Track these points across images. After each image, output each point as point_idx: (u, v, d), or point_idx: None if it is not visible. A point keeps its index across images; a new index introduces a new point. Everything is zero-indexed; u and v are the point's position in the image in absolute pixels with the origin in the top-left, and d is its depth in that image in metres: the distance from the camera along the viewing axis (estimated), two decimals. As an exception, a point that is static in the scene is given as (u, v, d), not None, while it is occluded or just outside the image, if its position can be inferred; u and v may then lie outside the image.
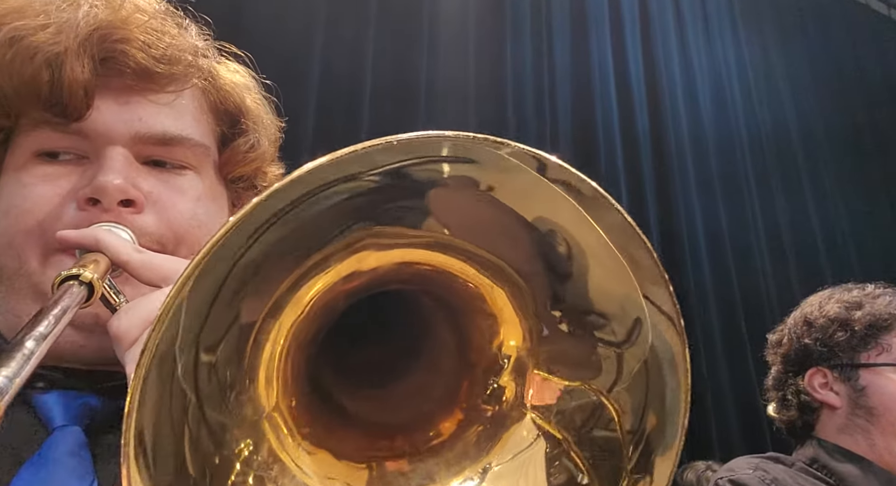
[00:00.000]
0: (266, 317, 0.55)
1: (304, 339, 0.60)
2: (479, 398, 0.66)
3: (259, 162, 0.93)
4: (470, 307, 0.65)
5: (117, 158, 0.77)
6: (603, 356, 0.59)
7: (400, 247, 0.58)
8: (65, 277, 0.61)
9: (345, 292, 0.60)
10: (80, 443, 0.70)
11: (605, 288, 0.57)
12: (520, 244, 0.58)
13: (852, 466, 1.49)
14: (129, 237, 0.74)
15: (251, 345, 0.55)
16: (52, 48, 0.74)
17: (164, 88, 0.81)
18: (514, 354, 0.65)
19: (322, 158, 0.46)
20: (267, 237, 0.49)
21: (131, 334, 0.62)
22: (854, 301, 1.61)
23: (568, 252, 0.57)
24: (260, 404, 0.57)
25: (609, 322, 0.58)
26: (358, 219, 0.54)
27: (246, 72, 0.94)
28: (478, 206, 0.55)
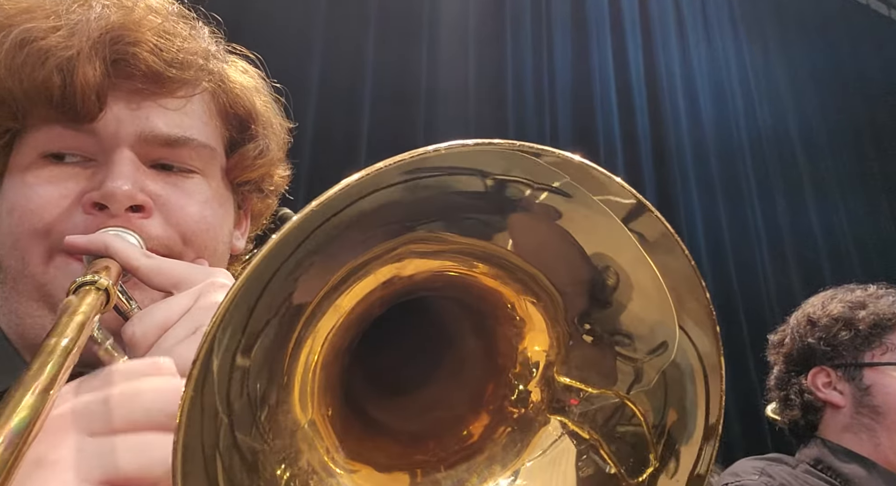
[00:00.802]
0: (304, 325, 0.54)
1: (340, 347, 0.60)
2: (506, 401, 0.67)
3: (267, 167, 0.93)
4: (498, 313, 0.66)
5: (126, 162, 0.77)
6: (620, 368, 0.61)
7: (441, 256, 0.59)
8: (80, 283, 0.60)
9: (381, 298, 0.60)
10: None
11: (640, 316, 0.59)
12: (571, 271, 0.59)
13: (857, 466, 1.48)
14: (137, 242, 0.74)
15: (289, 355, 0.54)
16: (64, 52, 0.73)
17: (174, 92, 0.81)
18: (541, 359, 0.66)
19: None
20: (312, 243, 0.47)
21: (147, 340, 0.62)
22: (857, 301, 1.61)
23: (615, 285, 0.59)
24: (296, 416, 0.56)
25: (633, 342, 0.60)
26: (436, 217, 0.54)
27: (254, 72, 0.94)
28: (547, 232, 0.56)
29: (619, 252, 0.56)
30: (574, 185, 0.53)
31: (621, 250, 0.56)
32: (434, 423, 0.69)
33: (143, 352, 0.61)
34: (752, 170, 4.91)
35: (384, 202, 0.49)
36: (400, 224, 0.53)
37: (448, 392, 0.71)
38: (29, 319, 0.76)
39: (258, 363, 0.50)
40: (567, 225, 0.56)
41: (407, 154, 0.46)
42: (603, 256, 0.58)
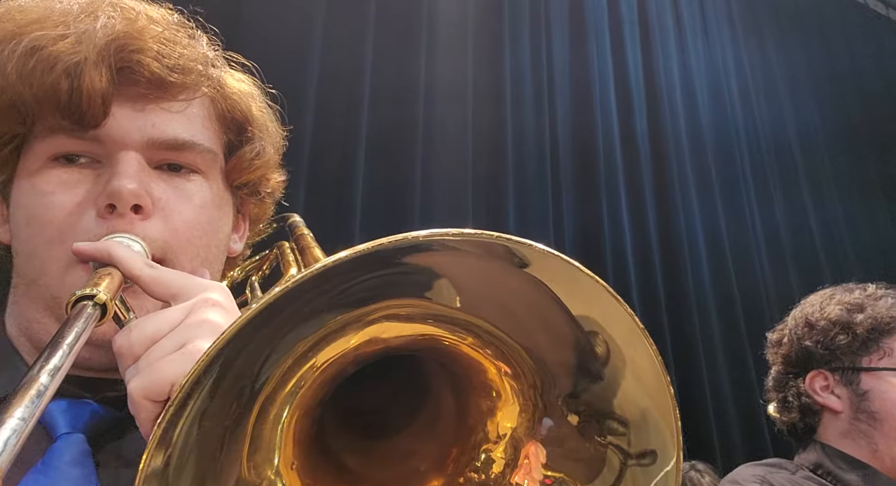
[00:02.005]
0: (275, 388, 0.56)
1: (312, 404, 0.61)
2: (469, 466, 0.67)
3: (264, 169, 0.96)
4: (474, 381, 0.66)
5: (131, 162, 0.80)
6: (608, 460, 0.58)
7: (417, 321, 0.58)
8: (79, 297, 0.62)
9: (356, 359, 0.61)
10: (84, 451, 0.71)
11: (633, 399, 0.56)
12: (554, 333, 0.57)
13: (857, 473, 1.47)
14: (141, 249, 0.76)
15: (255, 416, 0.55)
16: (72, 58, 0.76)
17: (176, 96, 0.84)
18: (510, 432, 0.65)
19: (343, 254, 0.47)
20: (282, 317, 0.49)
21: (134, 352, 0.63)
22: (856, 303, 1.60)
23: (606, 356, 0.56)
24: (263, 470, 0.58)
25: (627, 431, 0.57)
26: (384, 293, 0.54)
27: (251, 81, 0.97)
28: (518, 286, 0.54)
29: (609, 320, 0.53)
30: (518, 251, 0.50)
31: (611, 319, 0.53)
32: (399, 474, 0.69)
33: (130, 363, 0.63)
34: (751, 170, 4.91)
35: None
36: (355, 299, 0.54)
37: (421, 444, 0.71)
38: (37, 324, 0.79)
39: (226, 425, 0.52)
40: (538, 274, 0.52)
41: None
42: (589, 319, 0.54)
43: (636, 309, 3.42)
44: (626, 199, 4.18)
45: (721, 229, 4.53)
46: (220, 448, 0.53)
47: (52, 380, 0.50)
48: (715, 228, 4.51)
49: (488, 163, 3.72)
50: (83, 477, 0.69)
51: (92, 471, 0.70)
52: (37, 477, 0.68)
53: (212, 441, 0.51)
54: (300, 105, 3.12)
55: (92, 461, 0.71)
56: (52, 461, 0.69)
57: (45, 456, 0.70)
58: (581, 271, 0.51)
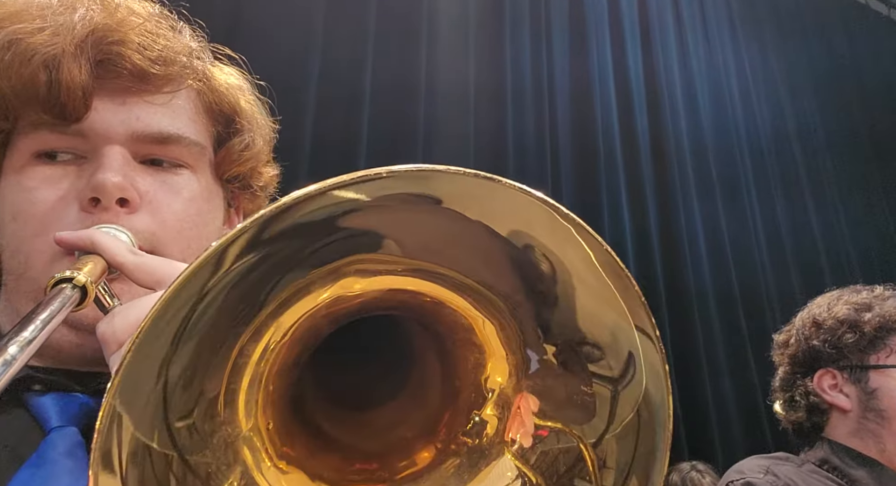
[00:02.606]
0: (248, 342, 0.54)
1: (286, 363, 0.59)
2: (460, 430, 0.65)
3: (254, 162, 0.94)
4: (458, 338, 0.63)
5: (115, 156, 0.78)
6: (598, 395, 0.55)
7: (384, 274, 0.56)
8: (58, 279, 0.61)
9: (328, 317, 0.59)
10: (77, 444, 0.71)
11: (594, 314, 0.53)
12: (495, 262, 0.53)
13: (865, 470, 1.47)
14: (127, 239, 0.75)
15: (230, 369, 0.54)
16: (50, 50, 0.74)
17: (160, 88, 0.82)
18: (499, 389, 0.62)
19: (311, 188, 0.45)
20: (246, 264, 0.47)
21: (117, 338, 0.63)
22: (863, 303, 1.59)
23: (552, 272, 0.52)
24: (237, 426, 0.56)
25: (604, 355, 0.54)
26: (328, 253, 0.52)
27: (239, 74, 0.95)
28: (433, 222, 0.50)
29: (532, 225, 0.49)
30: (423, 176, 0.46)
31: (533, 223, 0.48)
32: (385, 444, 0.67)
33: (115, 350, 0.62)
34: (752, 170, 4.91)
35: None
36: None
37: (406, 414, 0.69)
38: None
39: (198, 377, 0.50)
40: (451, 206, 0.48)
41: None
42: (518, 232, 0.50)
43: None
44: (626, 199, 4.17)
45: (722, 229, 4.52)
46: (191, 400, 0.51)
47: (21, 351, 0.48)
48: (715, 228, 4.50)
49: (488, 162, 3.71)
50: (78, 468, 0.68)
51: (86, 462, 0.69)
52: (31, 471, 0.67)
53: (183, 392, 0.50)
54: (301, 105, 3.12)
55: (86, 453, 0.70)
56: (45, 454, 0.69)
57: (39, 449, 0.69)
58: (486, 178, 0.46)
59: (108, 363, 0.64)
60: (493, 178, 0.47)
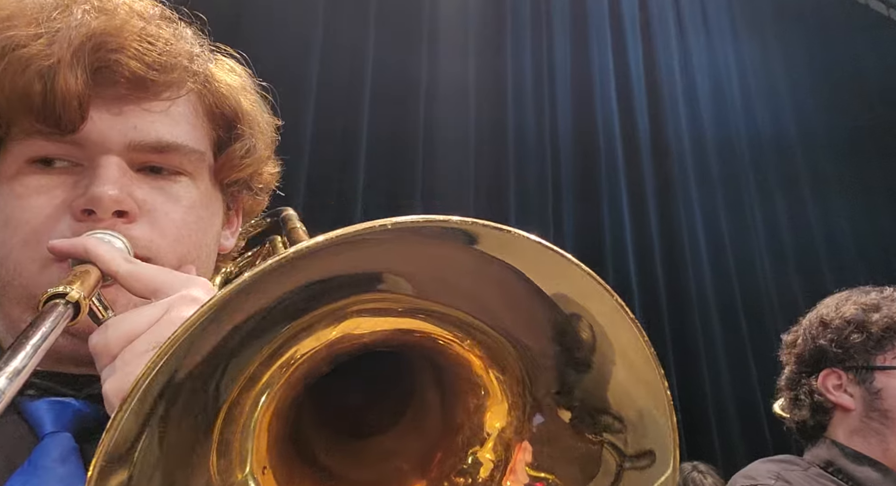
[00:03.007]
0: (242, 391, 0.53)
1: (284, 405, 0.58)
2: (454, 469, 0.63)
3: (254, 166, 0.93)
4: (460, 377, 0.62)
5: (111, 167, 0.76)
6: (603, 461, 0.54)
7: (392, 315, 0.55)
8: (51, 295, 0.60)
9: (330, 357, 0.57)
10: (71, 449, 0.70)
11: (628, 392, 0.52)
12: (529, 316, 0.52)
13: (869, 469, 1.47)
14: (122, 246, 0.74)
15: (222, 421, 0.53)
16: (45, 61, 0.72)
17: (158, 95, 0.80)
18: (496, 433, 0.61)
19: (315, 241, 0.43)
20: (243, 317, 0.46)
21: (109, 351, 0.62)
22: (871, 304, 1.59)
23: (592, 341, 0.51)
24: (232, 475, 0.55)
25: (624, 429, 0.52)
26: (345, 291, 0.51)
27: (242, 70, 0.93)
28: (478, 267, 0.49)
29: (587, 298, 0.49)
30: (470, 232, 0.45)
31: (589, 296, 0.48)
32: (380, 474, 0.67)
33: (107, 362, 0.62)
34: (752, 169, 4.90)
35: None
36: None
37: (404, 444, 0.68)
38: (22, 324, 0.77)
39: (190, 431, 0.50)
40: (493, 252, 0.47)
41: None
42: (567, 299, 0.49)
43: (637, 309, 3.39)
44: (627, 198, 4.17)
45: (722, 229, 4.52)
46: (186, 455, 0.50)
47: (9, 384, 0.48)
48: (716, 227, 4.50)
49: (489, 162, 3.71)
50: (71, 474, 0.68)
51: (80, 468, 0.69)
52: (24, 478, 0.66)
53: (176, 448, 0.49)
54: (301, 105, 3.11)
55: (79, 459, 0.70)
56: (38, 461, 0.68)
57: (32, 455, 0.68)
58: (546, 247, 0.46)
59: (100, 376, 0.63)
60: (567, 257, 0.47)
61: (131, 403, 0.43)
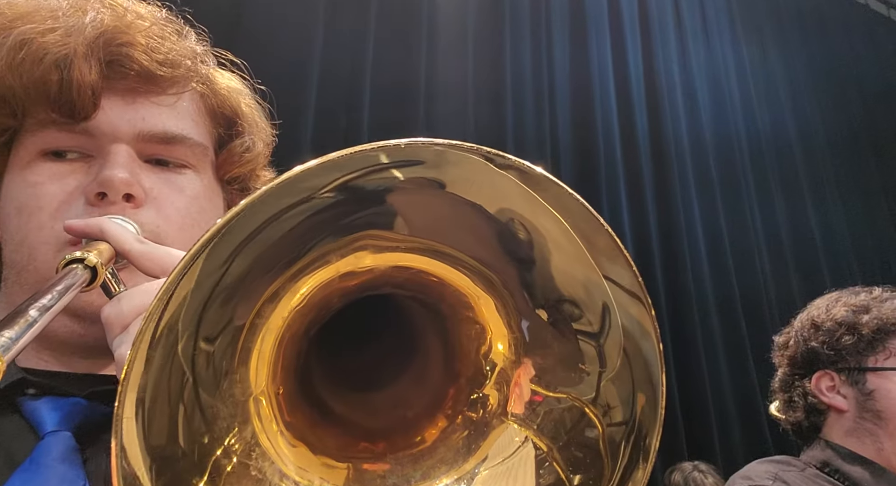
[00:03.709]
0: (265, 303, 0.57)
1: (298, 330, 0.61)
2: (464, 405, 0.67)
3: (254, 163, 0.96)
4: (459, 315, 0.66)
5: (122, 154, 0.80)
6: (585, 353, 0.59)
7: (394, 250, 0.59)
8: (69, 260, 0.63)
9: (340, 290, 0.61)
10: (71, 448, 0.71)
11: (568, 272, 0.57)
12: (484, 237, 0.58)
13: (864, 469, 1.48)
14: (133, 229, 0.76)
15: (247, 328, 0.56)
16: (61, 50, 0.76)
17: (165, 90, 0.84)
18: (500, 362, 0.65)
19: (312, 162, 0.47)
20: (269, 233, 0.50)
21: (122, 321, 0.64)
22: (861, 305, 1.60)
23: (528, 238, 0.56)
24: (248, 386, 0.58)
25: (582, 311, 0.58)
26: (335, 231, 0.56)
27: (240, 80, 0.98)
28: (440, 203, 0.55)
29: (512, 201, 0.54)
30: (400, 151, 0.50)
31: (513, 198, 0.53)
32: (390, 422, 0.69)
33: (118, 333, 0.64)
34: (751, 169, 4.91)
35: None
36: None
37: (410, 393, 0.71)
38: None
39: (221, 341, 0.54)
40: (455, 190, 0.53)
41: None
42: (503, 209, 0.55)
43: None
44: (626, 198, 4.18)
45: (721, 230, 4.53)
46: (220, 328, 0.54)
47: (40, 315, 0.50)
48: (715, 228, 4.51)
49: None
50: (71, 473, 0.68)
51: (80, 467, 0.70)
52: (24, 476, 0.67)
53: (219, 311, 0.53)
54: (301, 105, 3.12)
55: (80, 457, 0.71)
56: (39, 459, 0.69)
57: (33, 454, 0.69)
58: (465, 152, 0.50)
59: (111, 348, 0.64)
60: (486, 154, 0.51)
61: (169, 295, 0.46)
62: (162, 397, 0.50)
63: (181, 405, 0.53)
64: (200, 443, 0.54)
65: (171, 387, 0.51)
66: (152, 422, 0.49)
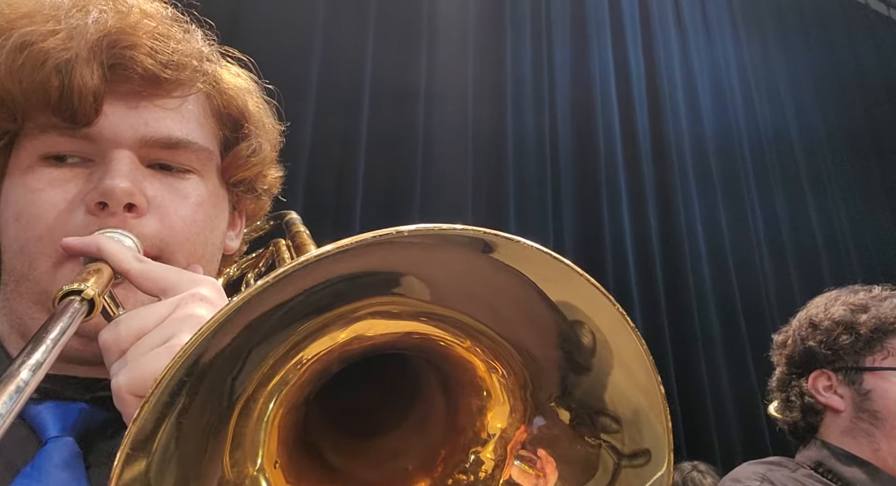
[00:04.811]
0: (258, 387, 0.55)
1: (296, 402, 0.60)
2: (458, 467, 0.66)
3: (260, 166, 0.94)
4: (463, 380, 0.65)
5: (124, 161, 0.78)
6: (601, 461, 0.57)
7: (404, 318, 0.57)
8: (66, 291, 0.61)
9: (340, 357, 0.60)
10: (74, 454, 0.70)
11: (625, 395, 0.55)
12: (537, 324, 0.55)
13: (859, 470, 1.48)
14: (132, 244, 0.75)
15: (237, 415, 0.55)
16: (63, 54, 0.74)
17: (170, 93, 0.82)
18: (498, 434, 0.64)
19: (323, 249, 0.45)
20: (265, 312, 0.48)
21: (119, 346, 0.63)
22: (860, 304, 1.60)
23: (593, 347, 0.54)
24: (245, 468, 0.57)
25: (621, 429, 0.56)
26: (362, 293, 0.54)
27: (247, 76, 0.95)
28: (492, 275, 0.52)
29: (590, 305, 0.51)
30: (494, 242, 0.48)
31: (591, 304, 0.51)
32: (386, 474, 0.68)
33: (116, 357, 0.63)
34: (752, 169, 4.90)
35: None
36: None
37: (409, 444, 0.70)
38: (30, 320, 0.78)
39: (207, 424, 0.52)
40: (511, 262, 0.50)
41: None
42: (571, 306, 0.52)
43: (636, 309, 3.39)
44: (626, 198, 4.17)
45: (722, 229, 4.52)
46: (202, 447, 0.52)
47: (32, 375, 0.48)
48: (716, 228, 4.50)
49: (488, 163, 3.71)
50: (73, 479, 0.68)
51: (82, 473, 0.69)
52: (25, 482, 0.66)
53: (193, 440, 0.51)
54: (300, 105, 3.12)
55: (82, 463, 0.70)
56: (40, 465, 0.68)
57: (35, 460, 0.68)
58: (554, 257, 0.49)
59: (108, 371, 0.64)
60: (572, 266, 0.50)
61: (157, 394, 0.44)
62: None
63: None
64: None
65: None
66: None
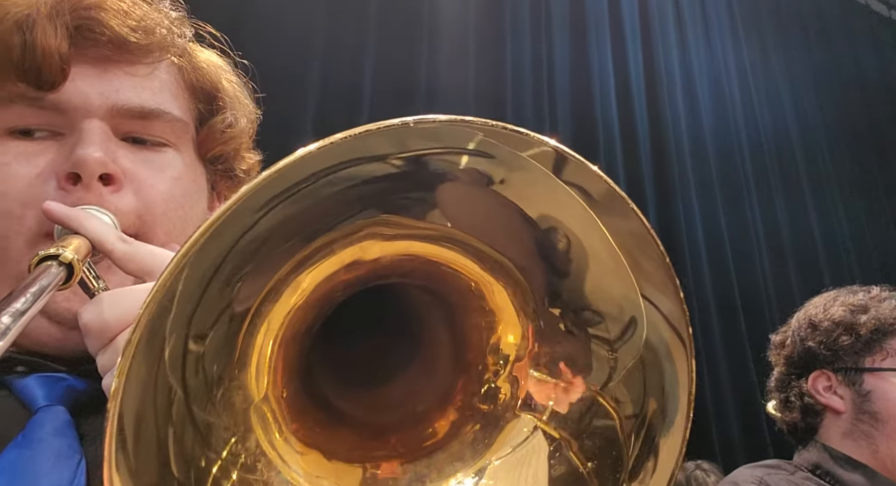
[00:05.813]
0: (263, 301, 0.53)
1: (300, 329, 0.58)
2: (475, 397, 0.65)
3: (237, 141, 0.91)
4: (469, 305, 0.64)
5: (95, 131, 0.74)
6: (595, 354, 0.59)
7: (405, 238, 0.57)
8: (43, 256, 0.58)
9: (344, 282, 0.58)
10: (66, 423, 0.68)
11: (602, 287, 0.57)
12: (520, 240, 0.57)
13: (857, 474, 1.47)
14: (110, 222, 0.72)
15: (245, 330, 0.53)
16: (22, 10, 0.71)
17: (140, 59, 0.78)
18: (512, 352, 0.64)
19: (335, 137, 0.44)
20: (272, 216, 0.46)
21: (105, 333, 0.60)
22: (859, 305, 1.59)
23: (567, 249, 0.57)
24: (249, 393, 0.55)
25: (604, 320, 0.58)
26: (366, 206, 0.53)
27: (217, 56, 0.92)
28: (482, 200, 0.54)
29: (563, 212, 0.54)
30: (490, 141, 0.49)
31: (565, 210, 0.53)
32: (400, 418, 0.67)
33: (102, 345, 0.60)
34: (752, 169, 4.90)
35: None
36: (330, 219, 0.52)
37: (419, 387, 0.69)
38: None
39: (214, 339, 0.50)
40: (498, 188, 0.53)
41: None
42: (547, 217, 0.55)
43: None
44: (626, 198, 4.17)
45: (721, 229, 4.52)
46: (207, 366, 0.51)
47: (14, 321, 0.45)
48: (715, 227, 4.50)
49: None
50: (66, 446, 0.65)
51: (75, 440, 0.67)
52: (18, 451, 0.64)
53: (201, 359, 0.49)
54: (301, 105, 3.11)
55: (75, 432, 0.68)
56: (32, 433, 0.65)
57: (26, 429, 0.66)
58: (531, 161, 0.50)
59: (93, 355, 0.61)
60: (544, 170, 0.51)
61: (155, 302, 0.42)
62: (148, 423, 0.46)
63: (170, 426, 0.48)
64: (197, 466, 0.50)
65: (158, 408, 0.47)
66: (139, 456, 0.45)
